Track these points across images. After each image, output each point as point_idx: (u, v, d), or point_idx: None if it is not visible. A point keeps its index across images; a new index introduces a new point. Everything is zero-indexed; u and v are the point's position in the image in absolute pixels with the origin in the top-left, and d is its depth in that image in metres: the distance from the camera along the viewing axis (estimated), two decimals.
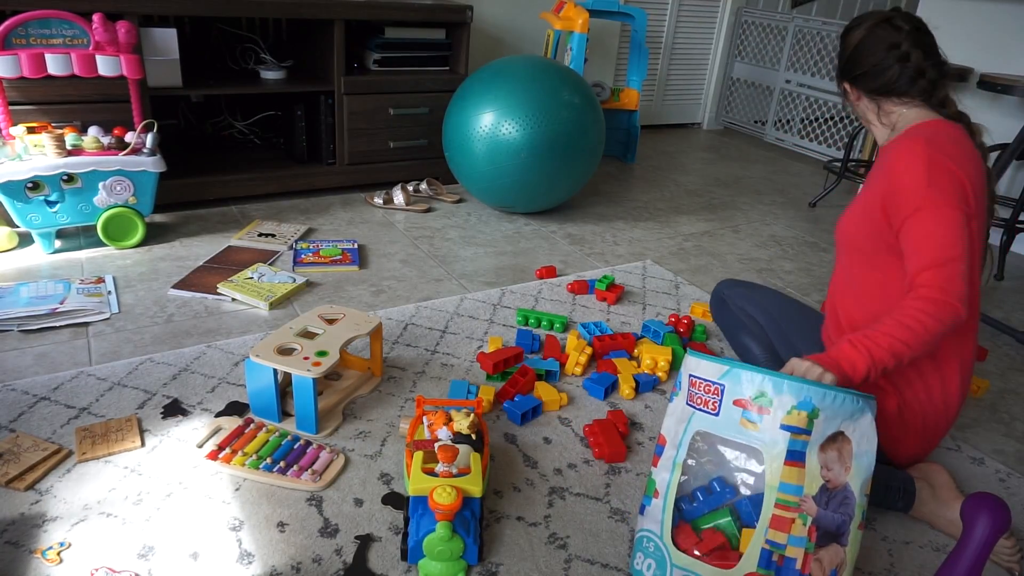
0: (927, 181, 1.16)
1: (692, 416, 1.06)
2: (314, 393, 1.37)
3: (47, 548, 1.10)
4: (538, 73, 2.47)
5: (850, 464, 1.02)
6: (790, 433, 0.98)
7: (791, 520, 0.97)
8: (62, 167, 1.98)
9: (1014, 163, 2.65)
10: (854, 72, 1.34)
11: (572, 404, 1.59)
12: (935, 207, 1.15)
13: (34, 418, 1.39)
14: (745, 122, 4.49)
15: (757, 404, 1.00)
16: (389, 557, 1.15)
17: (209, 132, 2.98)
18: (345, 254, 2.23)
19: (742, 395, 1.01)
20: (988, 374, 1.89)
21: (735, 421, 1.02)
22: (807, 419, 0.98)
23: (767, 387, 1.00)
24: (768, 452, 0.99)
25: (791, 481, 0.98)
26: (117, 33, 2.01)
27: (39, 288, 1.85)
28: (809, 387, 0.99)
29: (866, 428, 1.03)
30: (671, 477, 1.07)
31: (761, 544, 0.98)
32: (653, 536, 1.08)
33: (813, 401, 0.99)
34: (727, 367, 1.02)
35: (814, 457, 0.99)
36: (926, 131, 1.24)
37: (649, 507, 1.10)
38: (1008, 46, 2.73)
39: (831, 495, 1.01)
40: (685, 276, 2.33)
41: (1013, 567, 1.22)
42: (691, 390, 1.07)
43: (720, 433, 1.03)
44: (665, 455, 1.09)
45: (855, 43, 1.33)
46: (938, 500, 1.31)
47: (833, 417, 1.00)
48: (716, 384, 1.03)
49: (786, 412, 0.98)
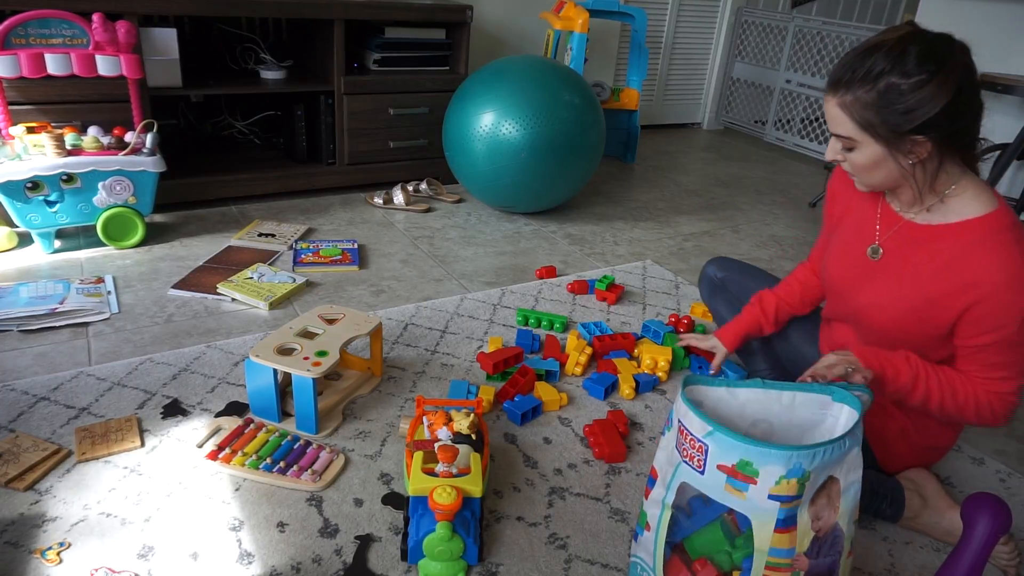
0: (1023, 318, 1.05)
1: (679, 466, 0.97)
2: (314, 393, 1.37)
3: (47, 548, 1.10)
4: (538, 73, 2.47)
5: (838, 504, 0.95)
6: (779, 503, 0.89)
7: None
8: (62, 167, 1.98)
9: (1014, 163, 2.65)
10: (952, 124, 1.02)
11: (572, 404, 1.59)
12: (1020, 343, 1.08)
13: (34, 418, 1.39)
14: (745, 122, 4.49)
15: (742, 473, 0.90)
16: (389, 557, 1.14)
17: (209, 132, 2.98)
18: (345, 254, 2.23)
19: (725, 461, 0.91)
20: None
21: (720, 485, 0.93)
22: (798, 485, 0.89)
23: (751, 456, 0.89)
24: (756, 520, 0.91)
25: (782, 546, 0.91)
26: (117, 33, 2.00)
27: (39, 288, 1.85)
28: (798, 453, 0.88)
29: (853, 460, 0.95)
30: (661, 515, 1.01)
31: None
32: (646, 567, 1.05)
33: (803, 466, 0.89)
34: (710, 427, 0.91)
35: (805, 515, 0.92)
36: (1021, 245, 1.05)
37: (642, 537, 1.06)
38: (1008, 46, 2.73)
39: (821, 542, 0.94)
40: (685, 276, 2.33)
41: (1010, 570, 1.21)
42: (679, 438, 0.97)
43: (706, 492, 0.95)
44: (655, 492, 1.03)
45: (959, 82, 1.00)
46: (931, 510, 1.28)
47: (824, 470, 0.92)
48: (701, 442, 0.93)
49: (774, 483, 0.89)
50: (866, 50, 1.04)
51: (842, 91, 1.05)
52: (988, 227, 1.07)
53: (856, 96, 1.04)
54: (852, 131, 1.07)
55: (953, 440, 1.33)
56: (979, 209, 1.09)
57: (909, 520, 1.29)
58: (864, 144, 1.07)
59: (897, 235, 1.19)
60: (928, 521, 1.28)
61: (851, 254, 1.27)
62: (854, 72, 1.04)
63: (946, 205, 1.12)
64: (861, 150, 1.08)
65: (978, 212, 1.09)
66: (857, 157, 1.10)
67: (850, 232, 1.29)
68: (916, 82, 0.99)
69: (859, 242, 1.26)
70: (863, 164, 1.10)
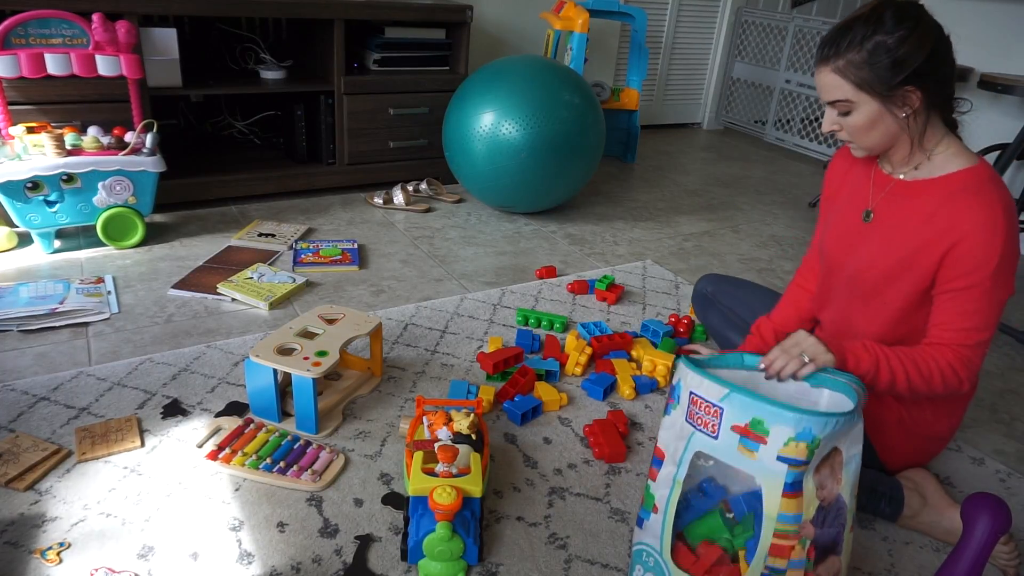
0: (998, 263, 1.11)
1: (692, 435, 1.01)
2: (314, 393, 1.37)
3: (47, 548, 1.10)
4: (538, 73, 2.47)
5: (840, 475, 0.99)
6: (787, 465, 0.93)
7: (791, 547, 0.96)
8: (61, 167, 1.98)
9: (1014, 163, 2.65)
10: (935, 72, 1.11)
11: (572, 404, 1.59)
12: (993, 289, 1.12)
13: (34, 418, 1.39)
14: (745, 122, 4.49)
15: (754, 432, 0.95)
16: (389, 557, 1.14)
17: (209, 132, 2.98)
18: (345, 254, 2.23)
19: (739, 421, 0.95)
20: (988, 374, 1.89)
21: (733, 447, 0.97)
22: (807, 449, 0.92)
23: (764, 415, 0.94)
24: (766, 482, 0.95)
25: (790, 511, 0.95)
26: (117, 33, 2.00)
27: (39, 288, 1.85)
28: (808, 416, 0.92)
29: (856, 434, 0.99)
30: (671, 494, 1.03)
31: (761, 569, 0.97)
32: (652, 552, 1.06)
33: (814, 432, 0.92)
34: (727, 390, 0.96)
35: (810, 481, 0.96)
36: (1000, 194, 1.13)
37: (648, 521, 1.07)
38: (1008, 46, 2.73)
39: (826, 512, 0.98)
40: (685, 276, 2.33)
41: (1010, 570, 1.21)
42: (691, 407, 1.01)
43: (719, 457, 0.98)
44: (664, 471, 1.04)
45: (936, 33, 1.10)
46: (931, 509, 1.29)
47: (832, 439, 0.95)
48: (716, 406, 0.97)
49: (783, 444, 0.93)
50: (846, 23, 1.13)
51: (833, 58, 1.13)
52: (971, 178, 1.15)
53: (848, 59, 1.11)
54: (848, 92, 1.13)
55: (950, 429, 1.32)
56: (962, 163, 1.17)
57: (909, 519, 1.29)
58: (860, 103, 1.14)
59: (888, 195, 1.26)
60: (928, 521, 1.28)
61: (846, 222, 1.33)
62: (840, 40, 1.12)
63: (932, 162, 1.20)
64: (858, 110, 1.15)
65: (962, 166, 1.17)
66: (855, 119, 1.16)
67: (845, 204, 1.34)
68: (899, 37, 1.08)
69: (853, 210, 1.32)
70: (861, 124, 1.16)
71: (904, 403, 1.28)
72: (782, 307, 1.50)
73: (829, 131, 1.20)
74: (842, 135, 1.20)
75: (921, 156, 1.20)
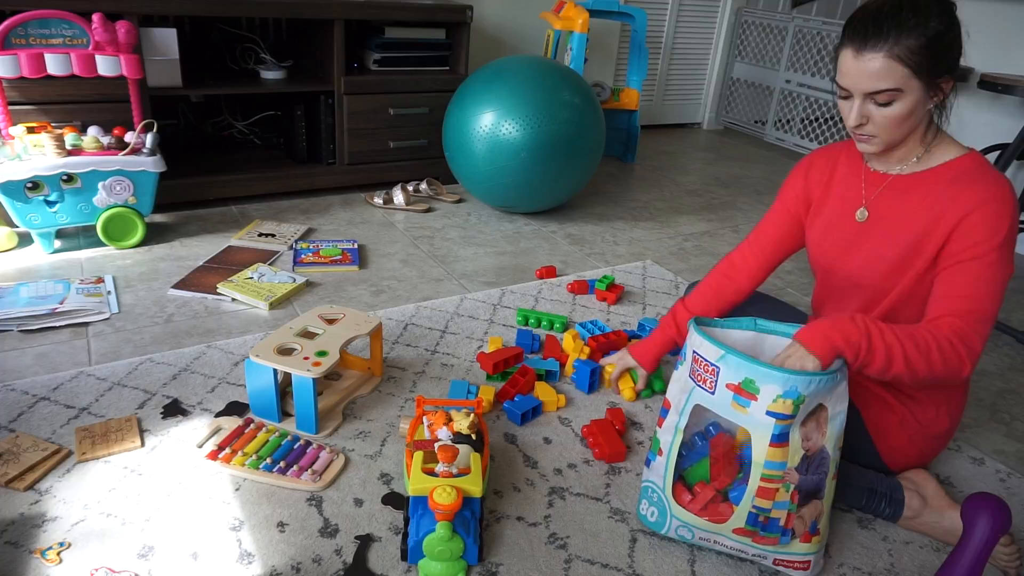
0: (1006, 235, 1.11)
1: (693, 390, 1.11)
2: (314, 393, 1.37)
3: (47, 548, 1.10)
4: (538, 73, 2.47)
5: (826, 429, 1.08)
6: (775, 419, 1.03)
7: (775, 490, 1.06)
8: (62, 167, 1.98)
9: (1014, 163, 2.65)
10: (956, 62, 1.12)
11: (572, 404, 1.59)
12: (999, 263, 1.12)
13: (34, 418, 1.39)
14: (745, 122, 4.49)
15: (746, 390, 1.05)
16: (389, 557, 1.14)
17: (209, 132, 2.98)
18: (345, 254, 2.23)
19: (733, 380, 1.06)
20: (988, 374, 1.89)
21: (727, 403, 1.07)
22: (792, 406, 1.02)
23: (754, 375, 1.04)
24: (755, 433, 1.05)
25: (776, 459, 1.05)
26: (117, 33, 2.00)
27: (39, 288, 1.85)
28: (794, 376, 1.02)
29: (841, 392, 1.07)
30: (673, 440, 1.14)
31: (748, 509, 1.08)
32: (656, 488, 1.18)
33: (799, 390, 1.02)
34: (723, 351, 1.06)
35: (796, 434, 1.05)
36: (1002, 176, 1.14)
37: (654, 462, 1.19)
38: (1008, 46, 2.73)
39: (810, 461, 1.08)
40: (685, 276, 2.33)
41: (1010, 570, 1.21)
42: (693, 365, 1.11)
43: (715, 411, 1.09)
44: (669, 419, 1.16)
45: (954, 21, 1.10)
46: (932, 510, 1.28)
47: (816, 397, 1.05)
48: (713, 365, 1.07)
49: (771, 400, 1.02)
50: (891, 8, 1.08)
51: (891, 43, 1.07)
52: (971, 163, 1.18)
53: (907, 45, 1.07)
54: (901, 80, 1.09)
55: (950, 427, 1.32)
56: (957, 152, 1.20)
57: (909, 520, 1.29)
58: (908, 92, 1.10)
59: (886, 191, 1.26)
60: (928, 521, 1.28)
61: (838, 226, 1.32)
62: (889, 25, 1.07)
63: (930, 154, 1.21)
64: (903, 100, 1.11)
65: (957, 154, 1.20)
66: (896, 109, 1.12)
67: (835, 207, 1.33)
68: (949, 26, 1.08)
69: (845, 212, 1.31)
70: (900, 115, 1.12)
71: (906, 404, 1.28)
72: (701, 290, 1.50)
73: (856, 124, 1.15)
74: (867, 129, 1.16)
75: (921, 148, 1.21)
